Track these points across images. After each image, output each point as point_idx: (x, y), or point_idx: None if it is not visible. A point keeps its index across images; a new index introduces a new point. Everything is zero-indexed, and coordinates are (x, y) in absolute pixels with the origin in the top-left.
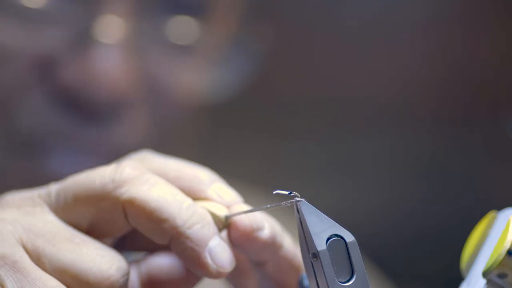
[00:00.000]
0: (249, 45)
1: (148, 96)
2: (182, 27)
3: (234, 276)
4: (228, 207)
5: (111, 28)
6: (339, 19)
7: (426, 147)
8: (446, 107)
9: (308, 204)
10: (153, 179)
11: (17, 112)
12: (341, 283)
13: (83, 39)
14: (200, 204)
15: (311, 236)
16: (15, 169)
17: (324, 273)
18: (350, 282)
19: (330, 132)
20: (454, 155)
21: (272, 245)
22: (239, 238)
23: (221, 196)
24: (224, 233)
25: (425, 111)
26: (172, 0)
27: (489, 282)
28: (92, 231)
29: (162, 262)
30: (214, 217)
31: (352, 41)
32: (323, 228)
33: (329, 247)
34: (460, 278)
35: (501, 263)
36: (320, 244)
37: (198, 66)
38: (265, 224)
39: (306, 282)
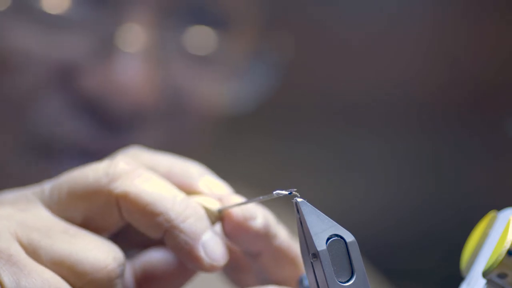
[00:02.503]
0: (268, 56)
1: (168, 105)
2: (203, 38)
3: (231, 271)
4: (219, 199)
5: (133, 37)
6: (340, 17)
7: (426, 148)
8: (447, 108)
9: (308, 204)
10: (146, 174)
11: (37, 116)
12: (341, 283)
13: (105, 47)
14: (192, 198)
15: (311, 236)
16: (31, 172)
17: (324, 273)
18: (350, 282)
19: (330, 133)
20: (454, 155)
21: (266, 235)
22: (232, 228)
23: (212, 189)
24: (217, 227)
25: (425, 112)
26: (193, 10)
27: (489, 282)
28: (86, 226)
29: (156, 257)
30: (207, 210)
31: (355, 42)
32: (323, 228)
33: (329, 247)
34: (459, 278)
35: (501, 263)
36: (320, 244)
37: (218, 76)
38: (258, 214)
39: (306, 282)
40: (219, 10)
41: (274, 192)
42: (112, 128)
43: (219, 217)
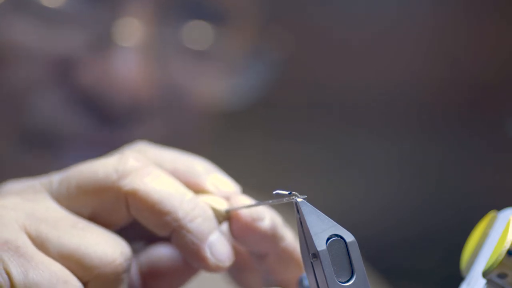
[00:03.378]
0: (267, 53)
1: (165, 100)
2: (202, 33)
3: (236, 271)
4: (226, 198)
5: (131, 32)
6: (340, 17)
7: (426, 148)
8: (447, 108)
9: (308, 204)
10: (156, 171)
11: (34, 110)
12: (341, 283)
13: (103, 42)
14: (200, 197)
15: (311, 236)
16: (29, 167)
17: (324, 273)
18: (350, 282)
19: (330, 133)
20: (454, 155)
21: (273, 237)
22: (239, 229)
23: (219, 187)
24: (224, 227)
25: (425, 112)
26: (192, 6)
27: (489, 282)
28: (93, 220)
29: (161, 253)
30: (214, 210)
31: (355, 42)
32: (323, 228)
33: (329, 247)
34: (459, 278)
35: (501, 263)
36: (320, 244)
37: (216, 72)
38: (266, 215)
39: (306, 282)
40: (218, 5)
41: (274, 192)
42: (109, 123)
43: (226, 217)
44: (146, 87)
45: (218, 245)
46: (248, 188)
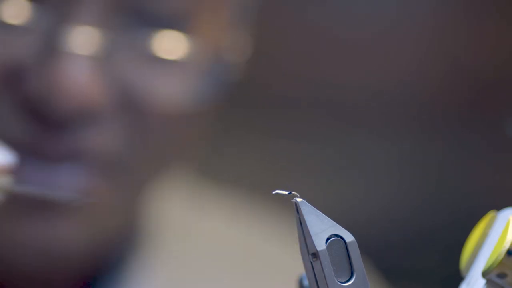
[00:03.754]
0: (230, 56)
1: (122, 106)
2: (160, 39)
3: None
4: None
5: (81, 38)
6: (340, 17)
7: (426, 147)
8: (447, 108)
9: (308, 204)
10: None
11: None
12: (340, 283)
13: (52, 49)
14: None
15: (310, 236)
16: None
17: (323, 273)
18: (350, 282)
19: (330, 133)
20: (454, 155)
21: None
22: None
23: None
24: None
25: (425, 112)
26: (149, 11)
27: (488, 282)
28: None
29: None
30: None
31: (355, 42)
32: (322, 228)
33: (328, 247)
34: (459, 278)
35: (501, 263)
36: (320, 244)
37: (177, 77)
38: None
39: (305, 282)
40: (172, 10)
41: (274, 192)
42: (58, 129)
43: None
44: (97, 94)
45: None
46: (247, 187)
